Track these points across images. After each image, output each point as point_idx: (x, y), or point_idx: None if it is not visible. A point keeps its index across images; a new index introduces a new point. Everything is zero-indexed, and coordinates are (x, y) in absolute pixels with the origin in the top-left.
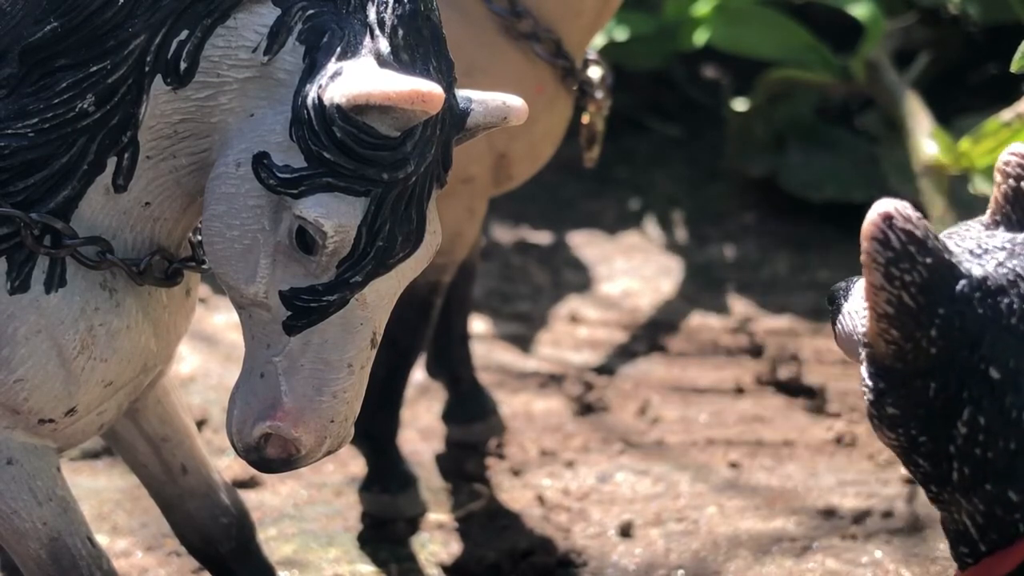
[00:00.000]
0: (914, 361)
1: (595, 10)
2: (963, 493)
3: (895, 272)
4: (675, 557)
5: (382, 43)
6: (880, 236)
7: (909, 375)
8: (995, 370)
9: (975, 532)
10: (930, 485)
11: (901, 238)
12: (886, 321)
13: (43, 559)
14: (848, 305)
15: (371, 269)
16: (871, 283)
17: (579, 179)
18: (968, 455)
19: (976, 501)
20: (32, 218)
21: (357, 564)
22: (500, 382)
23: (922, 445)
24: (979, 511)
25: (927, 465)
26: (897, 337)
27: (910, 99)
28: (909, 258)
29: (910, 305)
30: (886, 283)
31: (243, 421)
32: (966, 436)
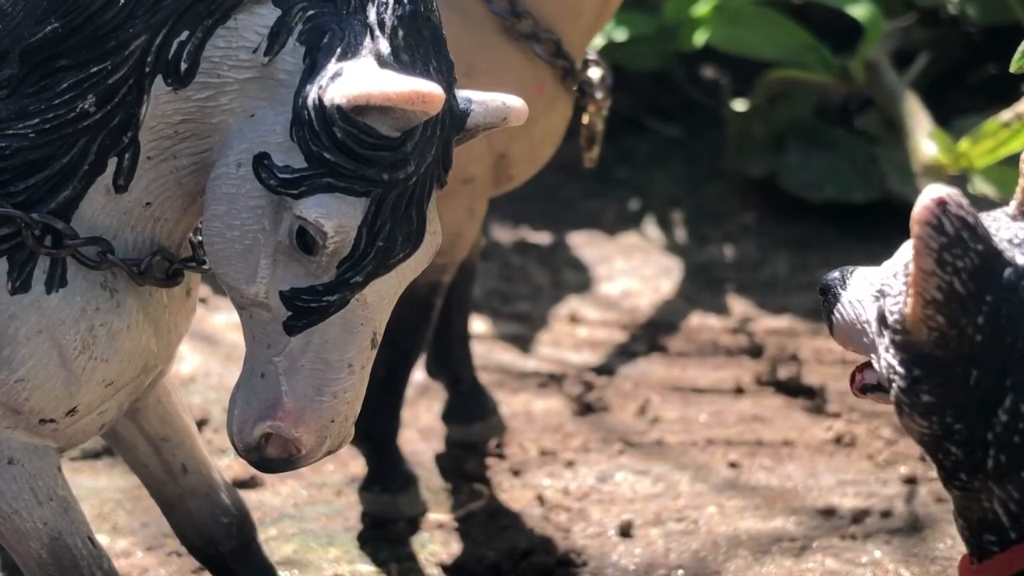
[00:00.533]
0: (957, 348)
1: (595, 10)
2: (996, 480)
3: (947, 258)
4: (675, 557)
5: (382, 44)
6: (934, 221)
7: (949, 362)
8: None
9: (1007, 519)
10: (959, 473)
11: (955, 223)
12: (933, 307)
13: (44, 559)
14: (848, 294)
15: (371, 269)
16: (922, 268)
17: (579, 179)
18: (1007, 442)
19: (1011, 488)
20: (33, 218)
21: (357, 564)
22: (500, 382)
23: (957, 433)
24: (1012, 498)
25: (959, 453)
26: (943, 324)
27: (910, 99)
28: (962, 244)
29: (960, 292)
30: (938, 269)
31: (243, 421)
32: (1006, 424)
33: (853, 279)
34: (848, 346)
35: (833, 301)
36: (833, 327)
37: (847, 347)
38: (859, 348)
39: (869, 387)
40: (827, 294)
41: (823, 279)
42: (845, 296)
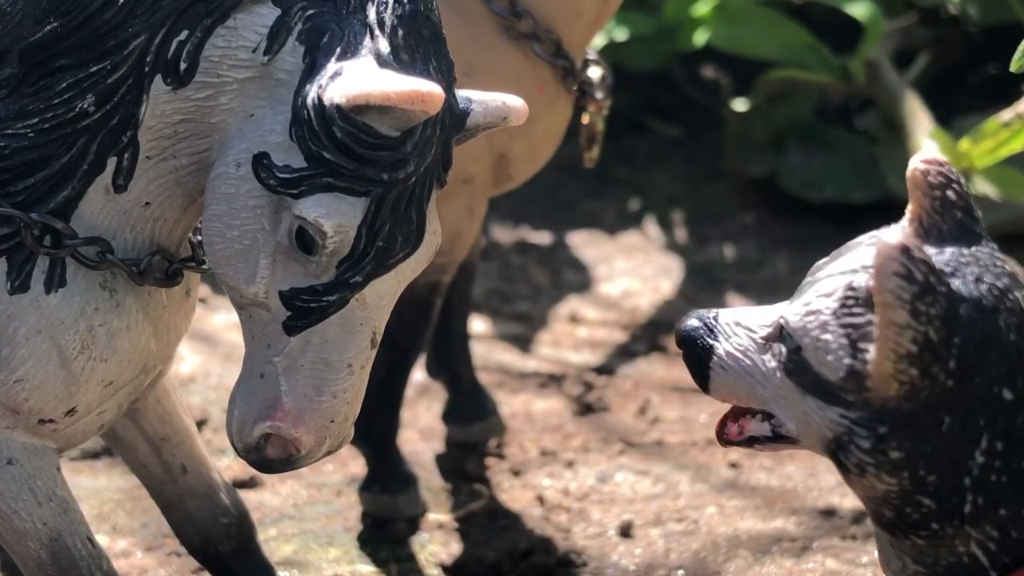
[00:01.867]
0: (927, 398)
1: (595, 10)
2: (973, 524)
3: (921, 307)
4: (675, 557)
5: (382, 43)
6: (903, 271)
7: (916, 413)
8: (1007, 391)
9: (986, 560)
10: (929, 524)
11: (922, 269)
12: (907, 361)
13: (43, 559)
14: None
15: (371, 269)
16: (894, 322)
17: (579, 179)
18: (984, 483)
19: (988, 528)
20: (32, 218)
21: (357, 564)
22: (500, 382)
23: (929, 484)
24: (992, 538)
25: (932, 503)
26: (915, 376)
27: (910, 99)
28: (931, 290)
29: (934, 340)
30: (913, 320)
31: (243, 421)
32: (983, 465)
33: (722, 327)
34: (730, 400)
35: (705, 354)
36: (710, 382)
37: (727, 401)
38: (747, 401)
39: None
40: (693, 346)
41: (681, 329)
42: (721, 347)
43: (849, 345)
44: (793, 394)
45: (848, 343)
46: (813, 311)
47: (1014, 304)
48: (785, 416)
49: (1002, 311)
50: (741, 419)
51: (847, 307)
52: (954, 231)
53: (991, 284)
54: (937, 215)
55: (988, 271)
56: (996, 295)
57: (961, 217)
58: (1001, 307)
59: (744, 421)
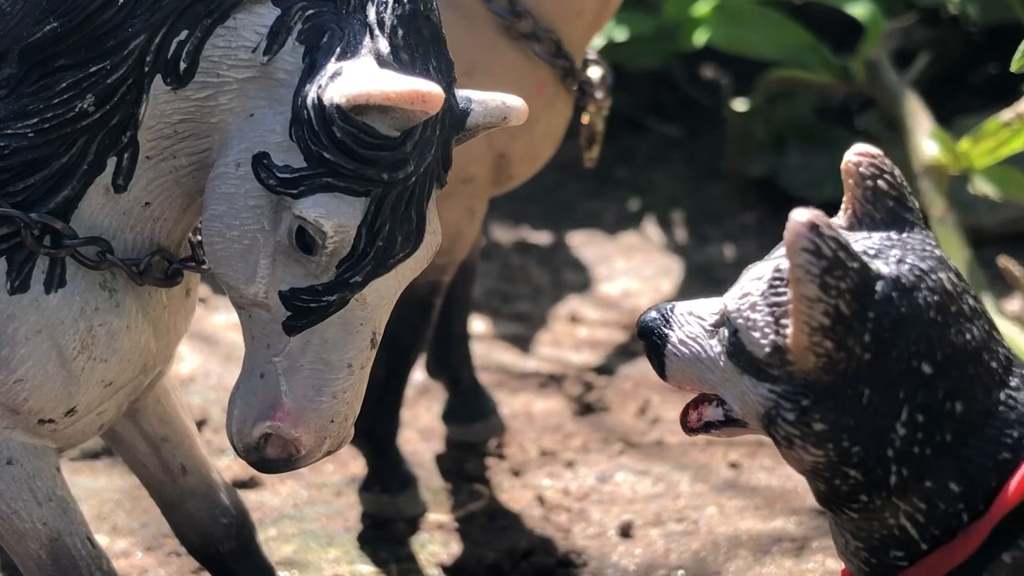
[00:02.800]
0: (845, 370)
1: (595, 10)
2: (900, 495)
3: (830, 281)
4: (675, 557)
5: (382, 43)
6: (811, 246)
7: (837, 386)
8: (926, 365)
9: (915, 532)
10: (859, 495)
11: (830, 245)
12: (820, 333)
13: (43, 559)
14: (677, 332)
15: (371, 269)
16: (804, 295)
17: (579, 179)
18: (907, 455)
19: (916, 500)
20: (32, 218)
21: (357, 564)
22: (500, 382)
23: (855, 455)
24: (920, 510)
25: (858, 475)
26: (830, 348)
27: (910, 99)
28: (841, 265)
29: (845, 313)
30: (822, 294)
31: (243, 421)
32: (904, 437)
33: (676, 317)
34: (684, 386)
35: (660, 342)
36: (666, 368)
37: (682, 387)
38: (700, 386)
39: (714, 424)
40: (650, 336)
41: (640, 321)
42: (674, 335)
43: (773, 322)
44: (733, 375)
45: (772, 320)
46: (746, 294)
47: (936, 284)
48: (730, 398)
49: (922, 289)
50: (700, 406)
51: (773, 287)
52: (886, 219)
53: (913, 264)
54: (869, 204)
55: (913, 253)
56: (917, 275)
57: (892, 205)
58: (922, 286)
59: (702, 408)
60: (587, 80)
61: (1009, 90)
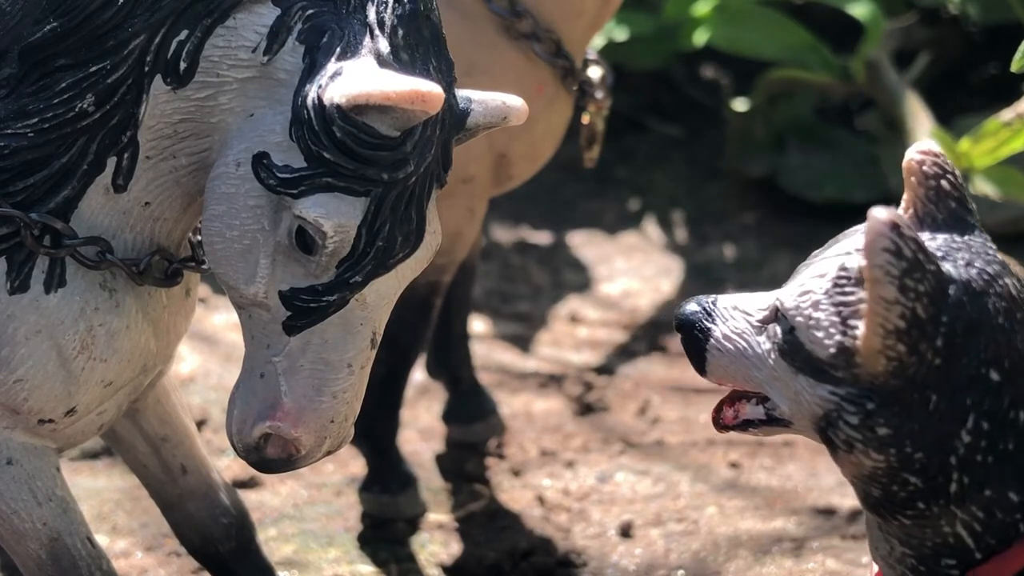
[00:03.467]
0: (914, 375)
1: (595, 10)
2: (959, 503)
3: (909, 283)
4: (675, 557)
5: (382, 43)
6: (892, 247)
7: (904, 390)
8: (994, 372)
9: (971, 540)
10: (915, 503)
11: (911, 246)
12: (895, 336)
13: (43, 559)
14: (722, 327)
15: (371, 269)
16: (883, 297)
17: (579, 179)
18: (969, 463)
19: (974, 509)
20: (32, 218)
21: (357, 564)
22: (500, 382)
23: (916, 461)
24: (977, 518)
25: (919, 481)
26: (903, 352)
27: (910, 99)
28: (920, 267)
29: (922, 317)
30: (901, 296)
31: (243, 421)
32: (969, 444)
33: (720, 311)
34: (725, 382)
35: (703, 336)
36: (707, 364)
37: (722, 383)
38: (743, 384)
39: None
40: (691, 330)
41: (680, 314)
42: (718, 330)
43: (840, 322)
44: (786, 374)
45: (839, 320)
46: (806, 291)
47: (1003, 289)
48: (778, 397)
49: (991, 295)
50: (736, 403)
51: (839, 286)
52: (948, 220)
53: (981, 269)
54: (931, 204)
55: (979, 257)
56: (986, 279)
57: (955, 207)
58: (990, 291)
59: (740, 405)
60: (587, 80)
61: (1009, 90)
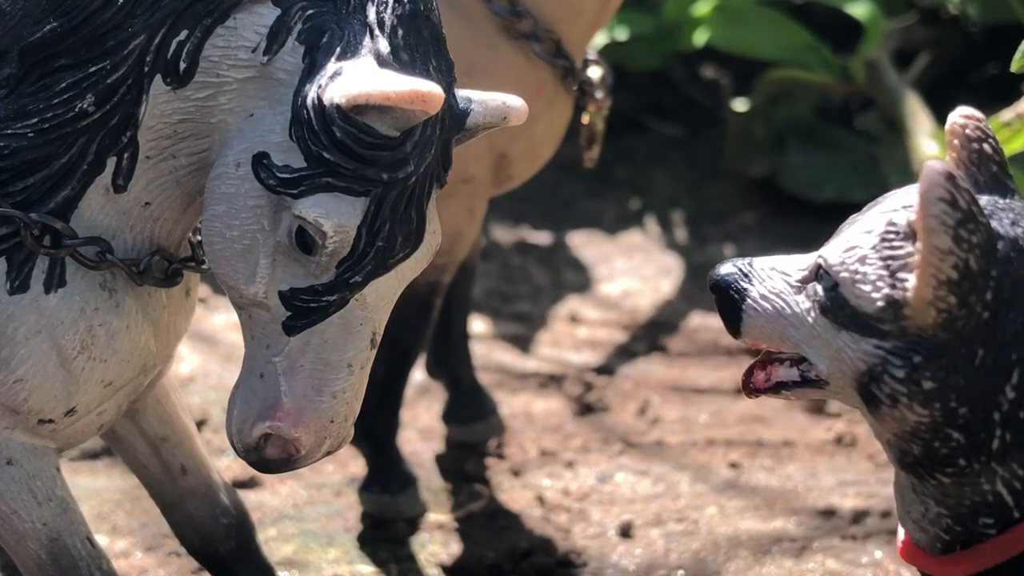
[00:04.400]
0: (963, 328)
1: (595, 10)
2: (1000, 460)
3: (963, 234)
4: (675, 557)
5: (382, 43)
6: (948, 197)
7: (951, 343)
8: None
9: (1011, 499)
10: (957, 459)
11: (966, 198)
12: (946, 287)
13: (43, 560)
14: (758, 287)
15: (371, 269)
16: (937, 246)
17: (579, 179)
18: (1013, 419)
19: (1015, 466)
20: (32, 218)
21: (357, 564)
22: (500, 382)
23: (961, 416)
24: (1018, 476)
25: (961, 437)
26: (953, 304)
27: (910, 99)
28: (974, 219)
29: (974, 269)
30: (955, 246)
31: (243, 421)
32: (1014, 400)
33: (757, 271)
34: (762, 343)
35: (739, 297)
36: (742, 324)
37: (759, 344)
38: (779, 344)
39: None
40: (726, 290)
41: (714, 276)
42: (754, 290)
43: (888, 275)
44: (827, 331)
45: (887, 273)
46: (852, 247)
47: None
48: (816, 357)
49: None
50: (769, 367)
51: (887, 240)
52: (989, 182)
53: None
54: (974, 166)
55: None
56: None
57: (996, 171)
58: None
59: (772, 368)
60: (587, 80)
61: (1009, 90)
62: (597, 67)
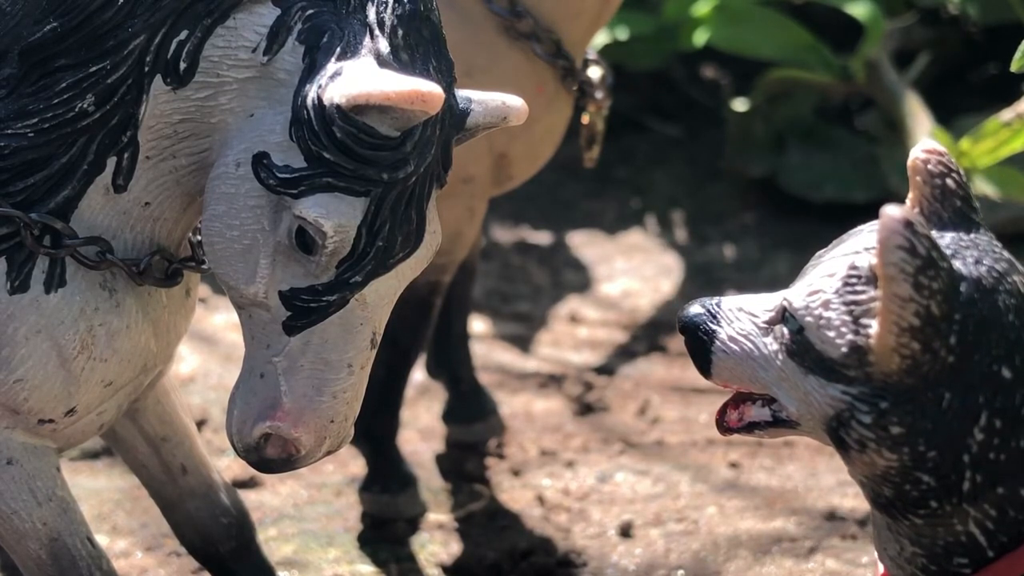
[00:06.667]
0: (928, 373)
1: (595, 10)
2: (971, 502)
3: (924, 281)
4: (675, 557)
5: (382, 43)
6: (906, 244)
7: (917, 389)
8: (1006, 369)
9: (983, 539)
10: (928, 501)
11: (924, 243)
12: (909, 334)
13: (43, 559)
14: (727, 329)
15: (371, 269)
16: (897, 295)
17: (579, 179)
18: (982, 461)
19: (986, 507)
20: (32, 218)
21: (357, 564)
22: (500, 382)
23: (929, 460)
24: (990, 516)
25: (932, 480)
26: (917, 350)
27: (910, 99)
28: (934, 265)
29: (936, 314)
30: (915, 293)
31: (243, 421)
32: (982, 442)
33: (725, 312)
34: (731, 384)
35: (707, 339)
36: (712, 366)
37: (728, 386)
38: (749, 385)
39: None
40: (695, 333)
41: (683, 316)
42: (723, 332)
43: (852, 321)
44: (795, 375)
45: (851, 319)
46: (816, 291)
47: (1012, 287)
48: (786, 398)
49: (1001, 292)
50: (741, 406)
51: (850, 285)
52: (953, 218)
53: (990, 266)
54: (937, 202)
55: (988, 254)
56: (996, 276)
57: (960, 205)
58: (1000, 288)
59: (745, 408)
60: (587, 80)
61: (1009, 90)
62: (597, 67)
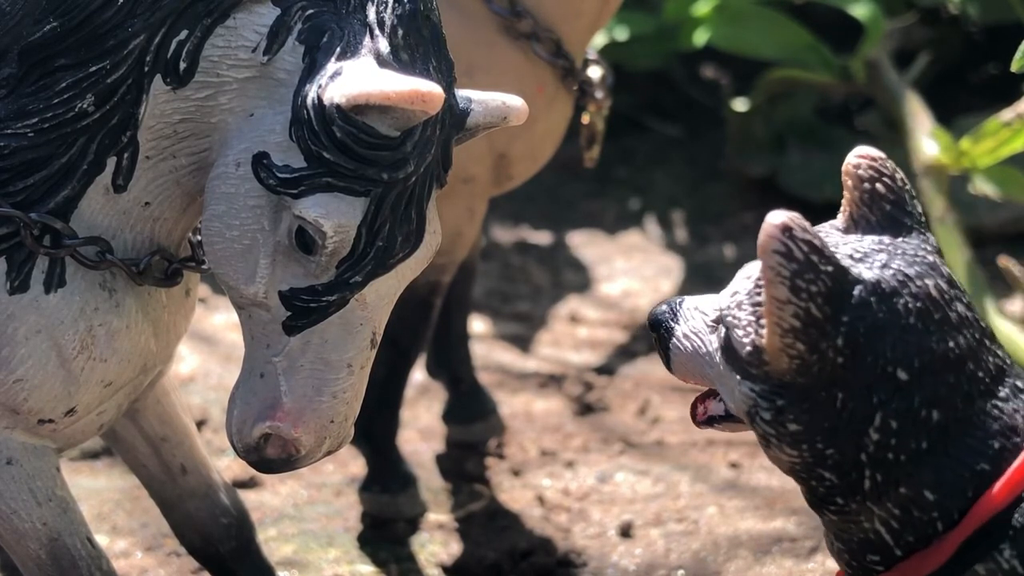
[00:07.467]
0: (819, 373)
1: (595, 10)
2: (875, 500)
3: (800, 284)
4: (675, 557)
5: (382, 43)
6: (782, 249)
7: (812, 388)
8: (902, 371)
9: (890, 537)
10: (835, 498)
11: (802, 248)
12: (792, 335)
13: (43, 559)
14: (682, 327)
15: (371, 269)
16: (775, 297)
17: (579, 179)
18: (881, 460)
19: (890, 506)
20: (32, 218)
21: (357, 564)
22: (500, 382)
23: (828, 458)
24: (894, 516)
25: (834, 477)
26: (803, 350)
27: (910, 99)
28: (812, 268)
29: (817, 316)
30: (792, 296)
31: (243, 421)
32: (878, 442)
33: (684, 311)
34: (688, 379)
35: (667, 336)
36: (671, 362)
37: (687, 380)
38: (702, 380)
39: (716, 418)
40: (658, 329)
41: (651, 314)
42: (679, 329)
43: (755, 322)
44: (726, 371)
45: (754, 320)
46: (735, 292)
47: (920, 290)
48: (725, 393)
49: (903, 295)
50: (706, 400)
51: (758, 287)
52: (881, 222)
53: (897, 270)
54: (865, 207)
55: (901, 258)
56: (900, 280)
57: (890, 209)
58: (903, 292)
59: (708, 402)
60: (587, 80)
61: (1009, 90)
62: (597, 67)
